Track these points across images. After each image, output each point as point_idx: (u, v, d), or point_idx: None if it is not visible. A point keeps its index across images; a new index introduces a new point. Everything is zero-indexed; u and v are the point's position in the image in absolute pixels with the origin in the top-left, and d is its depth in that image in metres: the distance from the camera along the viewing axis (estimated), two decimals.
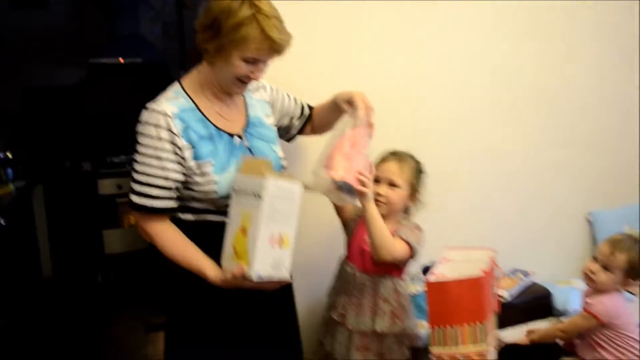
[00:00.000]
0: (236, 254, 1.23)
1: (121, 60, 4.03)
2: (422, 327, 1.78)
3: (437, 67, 2.30)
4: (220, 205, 1.32)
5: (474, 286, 1.40)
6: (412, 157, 1.67)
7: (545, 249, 2.59)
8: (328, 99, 1.57)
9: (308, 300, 1.94)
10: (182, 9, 4.42)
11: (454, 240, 1.68)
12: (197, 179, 1.30)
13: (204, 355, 1.36)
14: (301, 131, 1.67)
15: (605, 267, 1.73)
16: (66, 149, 4.07)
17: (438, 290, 1.43)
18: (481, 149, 2.43)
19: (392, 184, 1.60)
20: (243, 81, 1.32)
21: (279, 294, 1.40)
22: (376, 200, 1.53)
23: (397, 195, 1.60)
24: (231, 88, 1.34)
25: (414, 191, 1.65)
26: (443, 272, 1.49)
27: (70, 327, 3.30)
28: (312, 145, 1.73)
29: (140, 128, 1.28)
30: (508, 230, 2.50)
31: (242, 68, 1.27)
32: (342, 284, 1.64)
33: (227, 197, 1.30)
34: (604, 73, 2.64)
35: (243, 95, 1.45)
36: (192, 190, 1.32)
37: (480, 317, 1.40)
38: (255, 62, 1.28)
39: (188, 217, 1.36)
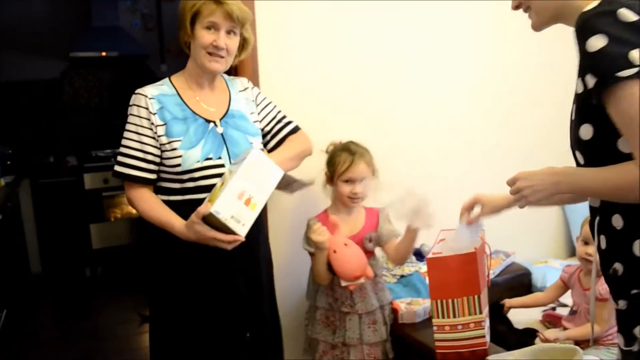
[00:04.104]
0: (210, 200, 1.38)
1: (103, 53, 4.01)
2: (418, 304, 1.90)
3: (404, 75, 2.32)
4: (183, 181, 1.50)
5: (468, 261, 1.51)
6: (362, 146, 1.81)
7: (523, 232, 2.70)
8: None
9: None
10: (161, 1, 4.43)
11: (442, 225, 1.78)
12: (167, 153, 1.50)
13: (184, 343, 1.52)
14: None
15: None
16: (50, 144, 4.03)
17: (437, 266, 1.54)
18: (463, 140, 2.52)
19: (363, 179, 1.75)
20: (211, 52, 1.49)
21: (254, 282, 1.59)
22: (354, 198, 1.72)
23: (369, 187, 1.75)
24: (204, 63, 1.51)
25: (374, 171, 1.81)
26: (440, 250, 1.61)
27: (62, 322, 3.32)
28: None
29: (128, 109, 1.52)
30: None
31: (205, 37, 1.48)
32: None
33: (189, 171, 1.48)
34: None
35: (229, 90, 1.63)
36: (163, 165, 1.51)
37: (476, 290, 1.52)
38: (216, 29, 1.48)
39: (160, 197, 1.55)
